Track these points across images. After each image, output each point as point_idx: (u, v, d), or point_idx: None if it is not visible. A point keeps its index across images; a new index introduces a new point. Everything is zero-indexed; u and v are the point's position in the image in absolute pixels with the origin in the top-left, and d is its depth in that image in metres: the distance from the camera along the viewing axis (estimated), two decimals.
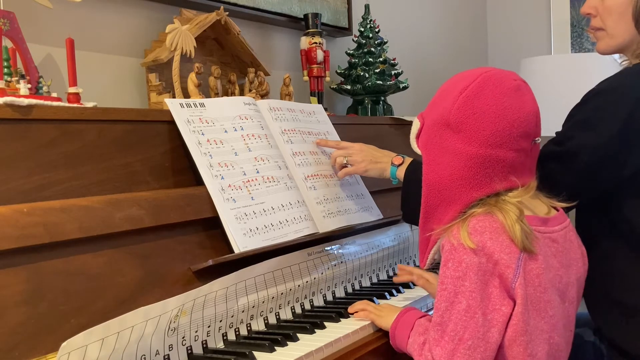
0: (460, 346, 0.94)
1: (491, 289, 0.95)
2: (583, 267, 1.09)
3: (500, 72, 1.02)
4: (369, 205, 1.57)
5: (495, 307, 0.95)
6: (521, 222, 0.95)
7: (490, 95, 0.98)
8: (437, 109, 1.04)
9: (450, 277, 0.96)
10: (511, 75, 1.01)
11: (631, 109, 1.15)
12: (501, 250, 0.94)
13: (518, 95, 0.99)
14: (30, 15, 1.37)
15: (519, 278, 0.94)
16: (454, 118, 0.99)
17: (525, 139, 0.99)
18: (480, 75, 1.00)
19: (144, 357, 0.94)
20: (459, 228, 0.97)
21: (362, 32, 2.18)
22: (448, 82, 1.06)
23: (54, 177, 1.05)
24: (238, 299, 1.12)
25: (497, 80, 0.99)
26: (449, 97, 1.02)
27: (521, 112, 0.98)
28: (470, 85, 0.99)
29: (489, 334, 0.94)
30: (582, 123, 1.20)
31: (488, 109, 0.97)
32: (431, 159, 1.04)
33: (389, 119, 2.03)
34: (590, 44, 3.12)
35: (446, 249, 0.98)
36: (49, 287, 0.93)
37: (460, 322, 0.94)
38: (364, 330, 1.16)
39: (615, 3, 1.27)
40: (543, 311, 0.97)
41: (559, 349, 1.01)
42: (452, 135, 1.00)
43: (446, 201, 1.01)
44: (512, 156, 0.98)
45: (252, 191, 1.28)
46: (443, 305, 0.96)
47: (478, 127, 0.97)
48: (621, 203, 1.21)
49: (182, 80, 1.50)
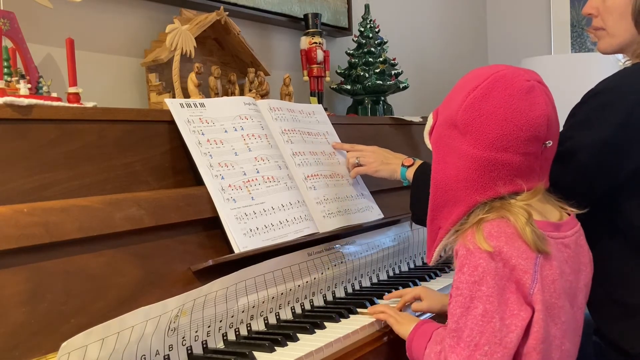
0: (476, 352, 0.91)
1: (508, 294, 0.93)
2: (591, 272, 1.08)
3: (513, 72, 0.98)
4: (369, 205, 1.57)
5: (514, 312, 0.92)
6: (530, 225, 0.93)
7: (498, 97, 0.96)
8: (449, 107, 1.02)
9: (466, 282, 0.93)
10: (525, 75, 0.98)
11: (629, 109, 1.16)
12: (518, 256, 0.92)
13: (528, 98, 0.96)
14: (30, 15, 1.37)
15: (537, 284, 0.92)
16: (461, 120, 0.98)
17: (533, 142, 0.96)
18: (491, 75, 0.98)
19: (144, 357, 0.94)
20: (473, 232, 0.95)
21: (362, 32, 2.18)
22: (463, 78, 1.04)
23: (54, 177, 1.05)
24: (238, 299, 1.12)
25: (507, 82, 0.97)
26: (459, 96, 1.00)
27: (530, 115, 0.95)
28: (479, 86, 0.97)
29: (507, 339, 0.91)
30: (581, 123, 1.21)
31: (494, 112, 0.95)
32: (440, 158, 1.03)
33: (389, 119, 2.03)
34: (592, 43, 3.12)
35: (461, 254, 0.95)
36: (49, 287, 0.93)
37: (476, 328, 0.92)
38: (364, 330, 1.16)
39: (616, 3, 1.28)
40: (557, 317, 0.96)
41: (569, 355, 1.00)
42: (458, 137, 0.99)
43: (451, 202, 1.00)
44: (519, 160, 0.95)
45: (252, 191, 1.28)
46: (458, 311, 0.94)
47: (483, 130, 0.96)
48: (621, 202, 1.21)
49: (182, 80, 1.50)
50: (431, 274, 1.55)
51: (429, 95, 2.90)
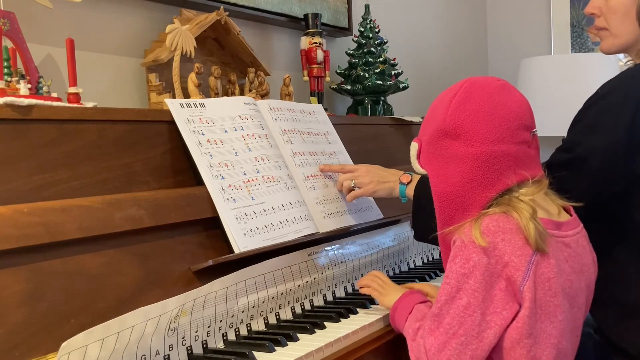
0: (452, 340, 0.95)
1: (495, 291, 0.95)
2: (594, 274, 1.09)
3: (482, 77, 1.07)
4: (369, 205, 1.57)
5: (497, 310, 0.95)
6: (535, 221, 0.95)
7: (479, 96, 1.02)
8: (431, 124, 1.07)
9: (455, 272, 0.96)
10: (494, 78, 1.06)
11: (635, 109, 1.16)
12: (512, 252, 0.94)
13: (505, 92, 1.03)
14: (30, 15, 1.37)
15: (528, 281, 0.94)
16: (450, 124, 1.02)
17: (523, 130, 1.01)
18: (465, 82, 1.05)
19: (144, 357, 0.94)
20: (471, 226, 0.97)
21: (362, 32, 2.18)
22: (434, 101, 1.10)
23: (54, 177, 1.05)
24: (238, 299, 1.12)
25: (482, 83, 1.04)
26: (439, 109, 1.05)
27: (512, 105, 1.02)
28: (458, 92, 1.04)
29: (484, 334, 0.94)
30: (589, 127, 1.21)
31: (481, 108, 1.01)
32: (437, 171, 1.05)
33: (389, 119, 2.03)
34: (592, 43, 3.12)
35: (456, 245, 0.98)
36: (49, 287, 0.93)
37: (457, 318, 0.95)
38: (364, 330, 1.16)
39: (619, 3, 1.28)
40: (552, 315, 0.97)
41: (566, 354, 1.00)
42: (452, 142, 1.02)
43: (462, 208, 1.01)
44: (515, 149, 1.00)
45: (252, 191, 1.28)
46: (444, 298, 0.97)
47: (475, 127, 1.00)
48: (624, 201, 1.21)
49: (182, 80, 1.50)
50: (431, 274, 1.55)
51: (429, 95, 2.88)
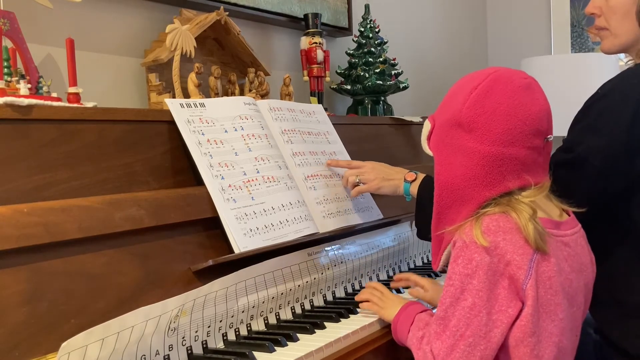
0: (460, 342, 0.94)
1: (499, 289, 0.94)
2: (592, 274, 1.09)
3: (509, 71, 1.02)
4: (369, 205, 1.57)
5: (502, 308, 0.94)
6: (534, 222, 0.95)
7: (501, 93, 0.98)
8: (448, 109, 1.04)
9: (458, 273, 0.96)
10: (521, 74, 1.02)
11: (635, 109, 1.16)
12: (514, 251, 0.94)
13: (528, 93, 0.99)
14: (30, 15, 1.37)
15: (530, 279, 0.94)
16: (465, 117, 0.99)
17: (537, 136, 0.98)
18: (490, 74, 1.00)
19: (144, 357, 0.94)
20: (471, 226, 0.97)
21: (362, 32, 2.18)
22: (458, 82, 1.07)
23: (54, 177, 1.05)
24: (238, 299, 1.12)
25: (507, 79, 1.00)
26: (459, 97, 1.02)
27: (532, 109, 0.98)
28: (480, 84, 0.99)
29: (491, 334, 0.94)
30: (589, 127, 1.21)
31: (499, 107, 0.97)
32: (443, 159, 1.04)
33: (389, 119, 2.03)
34: (592, 43, 3.11)
35: (457, 246, 0.98)
36: (49, 287, 0.93)
37: (463, 319, 0.94)
38: (364, 330, 1.16)
39: (619, 3, 1.28)
40: (553, 314, 0.97)
41: (566, 353, 1.01)
42: (464, 135, 1.00)
43: (459, 201, 1.01)
44: (525, 154, 0.98)
45: (253, 191, 1.28)
46: (448, 300, 0.96)
47: (490, 126, 0.97)
48: (625, 201, 1.21)
49: (182, 80, 1.50)
50: (431, 274, 1.55)
51: (429, 95, 2.90)
